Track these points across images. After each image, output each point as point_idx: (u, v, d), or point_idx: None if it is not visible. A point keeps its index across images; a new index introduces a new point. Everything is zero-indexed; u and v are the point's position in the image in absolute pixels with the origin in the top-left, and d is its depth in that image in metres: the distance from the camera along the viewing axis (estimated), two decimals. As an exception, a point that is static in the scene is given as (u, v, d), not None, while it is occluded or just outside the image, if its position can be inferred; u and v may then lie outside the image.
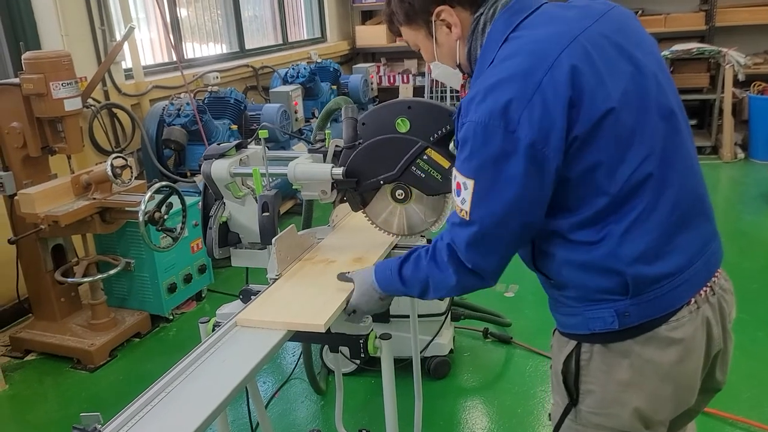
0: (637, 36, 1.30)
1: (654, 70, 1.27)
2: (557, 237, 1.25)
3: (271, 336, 1.46)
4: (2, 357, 3.36)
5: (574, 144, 1.16)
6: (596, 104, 1.16)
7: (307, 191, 1.82)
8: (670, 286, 1.22)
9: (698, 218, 1.29)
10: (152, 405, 1.24)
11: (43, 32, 3.99)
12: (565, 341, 1.33)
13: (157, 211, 3.08)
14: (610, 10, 1.30)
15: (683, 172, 1.26)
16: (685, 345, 1.24)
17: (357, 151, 1.73)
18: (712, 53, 6.01)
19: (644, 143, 1.20)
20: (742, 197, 5.34)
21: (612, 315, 1.23)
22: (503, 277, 1.37)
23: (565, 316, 1.33)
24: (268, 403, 2.88)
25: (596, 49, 1.20)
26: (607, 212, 1.19)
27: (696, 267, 1.26)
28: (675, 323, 1.23)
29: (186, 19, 5.51)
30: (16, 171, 3.22)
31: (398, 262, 1.48)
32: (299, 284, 1.70)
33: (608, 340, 1.26)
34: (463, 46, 1.36)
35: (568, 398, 1.33)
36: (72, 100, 3.13)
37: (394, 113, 1.69)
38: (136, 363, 3.31)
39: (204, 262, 3.88)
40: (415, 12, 1.38)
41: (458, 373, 3.02)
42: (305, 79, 5.67)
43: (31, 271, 3.39)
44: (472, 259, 1.29)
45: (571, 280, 1.27)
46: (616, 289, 1.22)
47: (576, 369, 1.30)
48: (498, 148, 1.16)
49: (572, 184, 1.19)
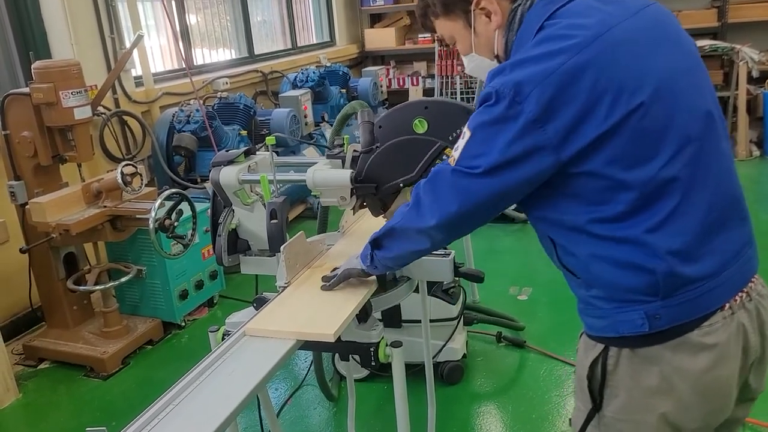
0: (675, 34, 1.29)
1: (691, 68, 1.25)
2: (582, 232, 1.22)
3: (281, 345, 1.44)
4: (16, 365, 3.37)
5: (590, 140, 1.14)
6: (624, 97, 1.14)
7: (326, 197, 1.80)
8: (704, 289, 1.18)
9: (734, 221, 1.26)
10: (160, 418, 1.22)
11: (53, 41, 4.02)
12: (592, 345, 1.29)
13: (168, 218, 3.08)
14: (647, 7, 1.28)
15: (719, 173, 1.23)
16: (718, 351, 1.20)
17: (375, 154, 1.70)
18: (725, 50, 5.94)
19: (677, 140, 1.17)
20: (758, 196, 5.25)
21: (642, 317, 1.19)
22: (517, 279, 1.34)
23: (593, 318, 1.29)
24: (281, 410, 2.86)
25: (629, 42, 1.19)
26: (637, 208, 1.17)
27: (731, 271, 1.22)
28: (708, 328, 1.19)
29: (195, 25, 5.52)
30: (27, 180, 3.23)
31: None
32: (308, 292, 1.68)
33: (637, 344, 1.22)
34: (501, 36, 1.35)
35: (591, 403, 1.30)
36: (82, 109, 3.14)
37: (412, 114, 1.66)
38: (148, 370, 3.31)
39: (215, 269, 3.88)
40: (454, 1, 1.37)
41: (472, 378, 2.99)
42: (314, 83, 5.66)
43: (44, 279, 3.40)
44: (435, 190, 1.30)
45: (600, 277, 1.23)
46: (646, 289, 1.18)
47: (602, 373, 1.26)
48: (501, 113, 1.17)
49: (593, 177, 1.17)
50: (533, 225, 1.37)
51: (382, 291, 1.72)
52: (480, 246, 3.84)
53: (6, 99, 3.18)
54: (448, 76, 6.10)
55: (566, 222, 1.24)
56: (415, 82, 7.36)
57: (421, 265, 1.70)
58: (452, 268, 1.82)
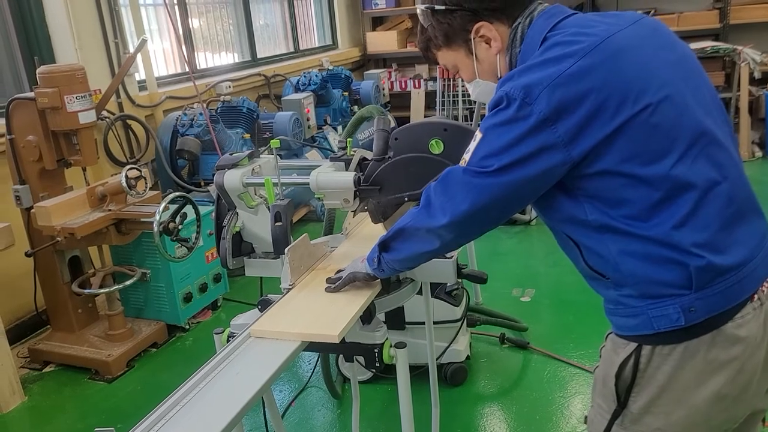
0: (672, 40, 1.33)
1: (691, 71, 1.29)
2: (609, 231, 1.23)
3: (286, 347, 1.45)
4: (21, 369, 3.39)
5: (600, 139, 1.17)
6: (628, 102, 1.17)
7: (330, 200, 1.82)
8: (735, 279, 1.20)
9: (752, 213, 1.28)
10: (167, 419, 1.23)
11: (57, 46, 4.04)
12: (623, 344, 1.29)
13: (172, 222, 3.10)
14: (641, 19, 1.34)
15: (732, 169, 1.26)
16: (749, 343, 1.22)
17: (387, 163, 1.73)
18: (727, 51, 5.94)
19: (688, 136, 1.20)
20: (761, 196, 5.15)
21: (677, 311, 1.20)
22: (520, 281, 1.36)
23: (625, 317, 1.29)
24: (285, 412, 2.87)
25: (633, 48, 1.23)
26: (659, 204, 1.19)
27: (755, 262, 1.24)
28: (740, 320, 1.21)
29: (198, 29, 5.54)
30: (32, 184, 3.25)
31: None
32: (313, 294, 1.69)
33: (673, 340, 1.22)
34: (503, 58, 1.39)
35: (616, 402, 1.30)
36: (86, 113, 3.16)
37: (430, 133, 1.69)
38: (153, 373, 3.32)
39: (219, 272, 3.89)
40: (454, 32, 1.41)
41: (475, 380, 2.99)
42: (317, 86, 5.68)
43: (49, 283, 3.42)
44: (446, 190, 1.32)
45: (632, 273, 1.24)
46: (679, 282, 1.20)
47: (634, 372, 1.27)
48: (512, 115, 1.21)
49: (608, 177, 1.20)
50: (556, 232, 1.38)
51: (385, 293, 1.73)
52: (483, 248, 3.85)
53: (11, 104, 3.20)
54: (450, 79, 6.11)
55: (592, 222, 1.25)
56: (417, 85, 7.37)
57: (424, 267, 1.70)
58: (455, 270, 1.83)
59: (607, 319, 1.35)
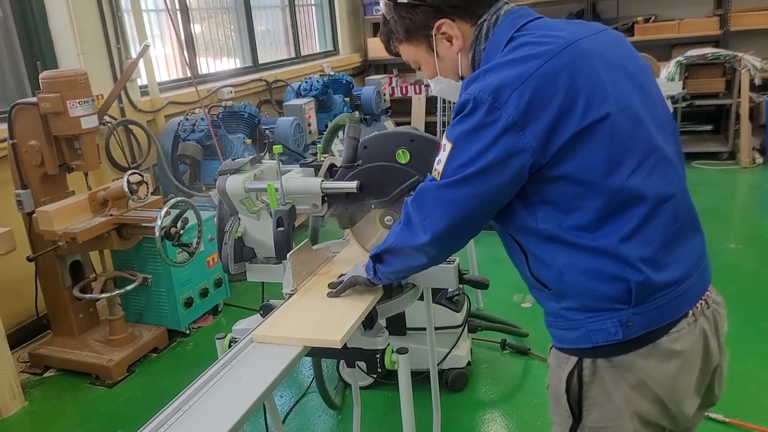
0: (632, 52, 1.35)
1: (645, 84, 1.30)
2: (557, 241, 1.24)
3: (288, 352, 1.45)
4: (22, 374, 3.38)
5: (565, 140, 1.17)
6: (592, 106, 1.18)
7: (300, 205, 1.85)
8: (672, 296, 1.22)
9: (691, 231, 1.30)
10: (169, 423, 1.23)
11: (59, 51, 4.06)
12: (564, 358, 1.31)
13: (173, 227, 3.10)
14: (605, 30, 1.35)
15: (678, 185, 1.28)
16: (685, 357, 1.24)
17: (355, 172, 1.75)
18: (728, 58, 5.96)
19: (641, 150, 1.21)
20: (762, 203, 5.25)
21: (615, 325, 1.22)
22: (520, 287, 1.36)
23: (565, 330, 1.30)
24: (286, 418, 2.87)
25: (595, 55, 1.23)
26: (608, 216, 1.19)
27: (693, 279, 1.26)
28: (675, 335, 1.23)
29: (200, 35, 5.56)
30: (34, 189, 3.25)
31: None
32: (314, 299, 1.69)
33: (610, 353, 1.24)
34: (465, 57, 1.38)
35: (571, 417, 1.31)
36: (88, 118, 3.17)
37: (397, 143, 1.72)
38: (153, 378, 3.32)
39: (220, 277, 3.89)
40: (415, 27, 1.40)
41: (476, 386, 2.99)
42: (318, 92, 5.69)
43: (50, 287, 3.42)
44: (423, 207, 1.31)
45: (574, 287, 1.25)
46: (619, 297, 1.21)
47: (579, 386, 1.28)
48: (480, 120, 1.19)
49: (566, 182, 1.20)
50: (504, 237, 1.38)
51: (387, 298, 1.74)
52: (483, 254, 3.85)
53: (13, 109, 3.20)
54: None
55: (542, 232, 1.25)
56: (417, 90, 7.38)
57: (426, 273, 1.70)
58: (457, 276, 1.84)
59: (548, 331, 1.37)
